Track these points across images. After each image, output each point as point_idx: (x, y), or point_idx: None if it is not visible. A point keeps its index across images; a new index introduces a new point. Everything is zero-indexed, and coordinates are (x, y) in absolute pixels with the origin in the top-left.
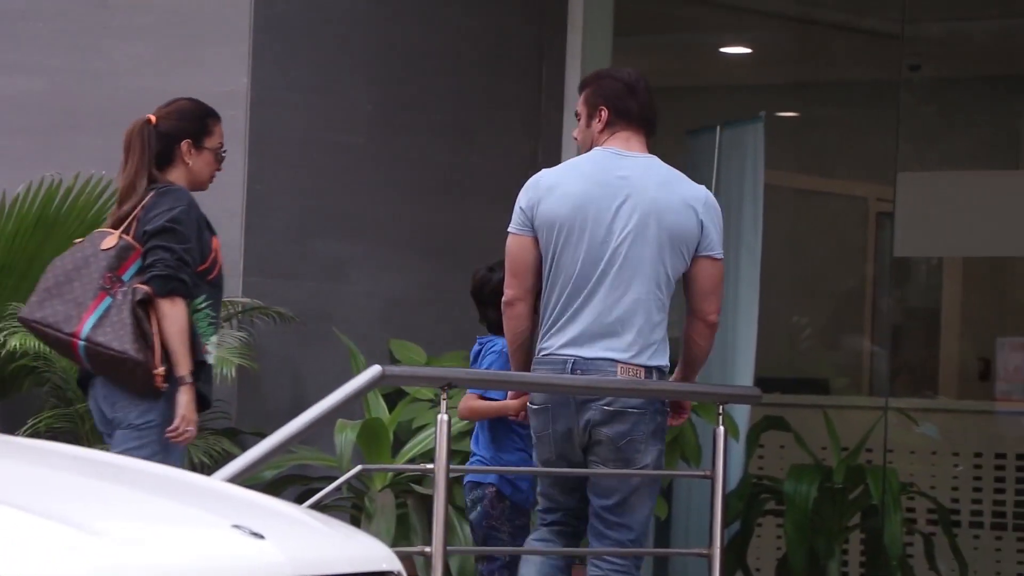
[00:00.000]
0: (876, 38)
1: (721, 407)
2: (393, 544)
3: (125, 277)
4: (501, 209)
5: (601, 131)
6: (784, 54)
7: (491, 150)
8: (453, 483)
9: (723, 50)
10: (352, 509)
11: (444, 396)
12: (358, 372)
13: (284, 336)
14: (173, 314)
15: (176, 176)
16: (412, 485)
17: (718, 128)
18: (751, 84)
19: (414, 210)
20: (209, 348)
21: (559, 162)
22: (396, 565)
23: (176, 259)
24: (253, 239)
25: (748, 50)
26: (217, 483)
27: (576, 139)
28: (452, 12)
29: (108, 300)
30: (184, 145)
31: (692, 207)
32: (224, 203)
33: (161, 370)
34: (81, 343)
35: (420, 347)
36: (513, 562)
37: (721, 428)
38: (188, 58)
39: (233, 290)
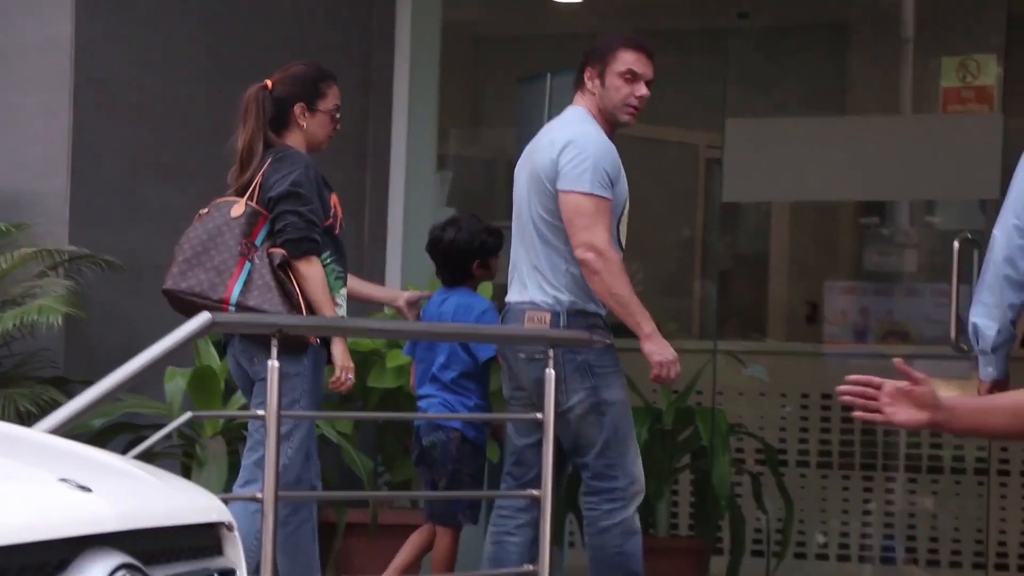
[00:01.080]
0: None
1: (551, 349)
2: (225, 490)
3: (257, 242)
4: (329, 158)
5: None
6: (615, 3)
7: None
8: None
9: None
10: (183, 456)
11: (275, 343)
12: None
13: (114, 285)
14: (311, 273)
15: (292, 139)
16: (244, 432)
17: (548, 76)
18: (582, 33)
19: None
20: (339, 301)
21: (389, 109)
22: (226, 516)
23: (305, 221)
24: (80, 188)
25: None
26: (45, 436)
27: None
28: None
29: (248, 265)
30: (298, 108)
31: (554, 145)
32: (49, 151)
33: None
34: (232, 308)
35: None
36: (475, 503)
37: (551, 371)
38: (11, 2)
39: (59, 239)
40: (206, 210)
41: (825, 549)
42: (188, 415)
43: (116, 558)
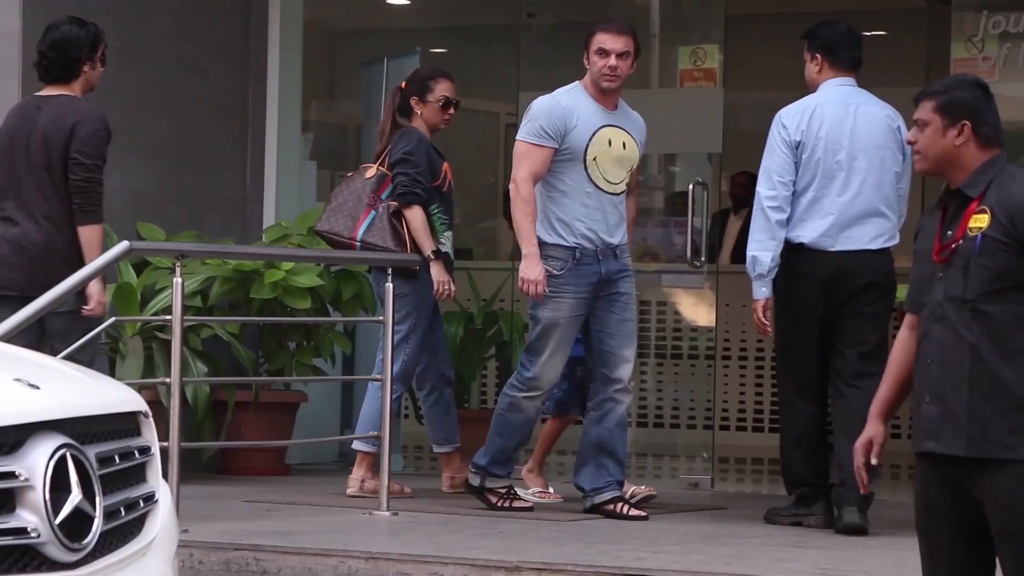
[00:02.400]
0: None
1: (390, 269)
2: (142, 377)
3: (383, 196)
4: (219, 123)
5: None
6: (436, 4)
7: (211, 77)
8: (188, 330)
9: (387, 1)
10: (110, 352)
11: (179, 264)
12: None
13: None
14: (413, 217)
15: (415, 122)
16: (156, 333)
17: (385, 60)
18: (410, 27)
19: (152, 123)
20: (443, 240)
21: (264, 85)
22: (143, 406)
23: (411, 179)
24: None
25: (405, 1)
26: (2, 345)
27: None
28: None
29: (373, 213)
30: (413, 100)
31: None
32: None
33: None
34: (358, 243)
35: (160, 228)
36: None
37: (389, 285)
38: None
39: None
40: (351, 173)
41: None
42: (113, 319)
43: (59, 439)
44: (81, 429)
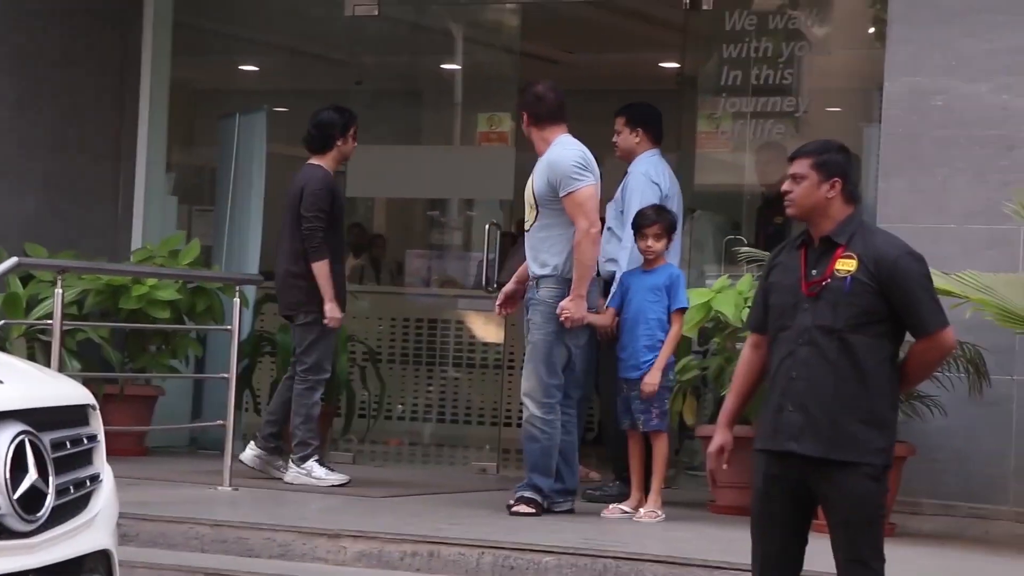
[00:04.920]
0: (331, 62)
1: (238, 287)
2: None
3: None
4: (97, 161)
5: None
6: (280, 71)
7: (91, 122)
8: (66, 333)
9: (240, 67)
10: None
11: (60, 278)
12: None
13: None
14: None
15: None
16: (38, 335)
17: (237, 115)
18: (259, 89)
19: (39, 160)
20: None
21: (135, 129)
22: (91, 400)
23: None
24: None
25: (256, 68)
26: None
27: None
28: (60, 26)
29: None
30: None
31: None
32: None
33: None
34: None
35: (44, 247)
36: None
37: (237, 300)
38: None
39: None
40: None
41: (404, 414)
42: (3, 322)
43: (19, 427)
44: (38, 419)
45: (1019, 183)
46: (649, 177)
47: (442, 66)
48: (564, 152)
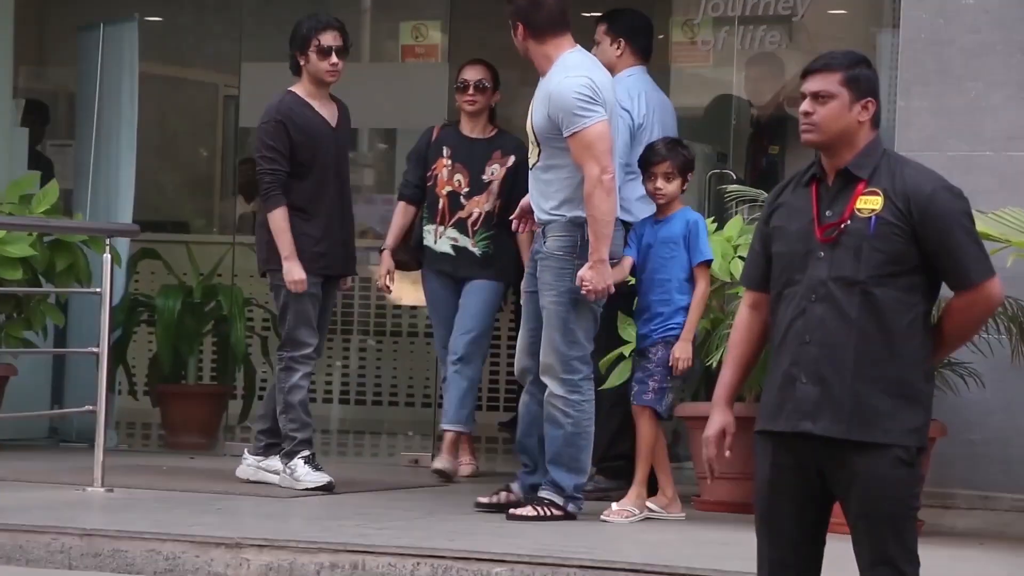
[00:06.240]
0: None
1: (108, 240)
2: None
3: None
4: None
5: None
6: None
7: None
8: None
9: None
10: None
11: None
12: None
13: None
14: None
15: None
16: None
17: (101, 26)
18: None
19: None
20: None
21: None
22: None
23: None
24: None
25: None
26: None
27: None
28: None
29: None
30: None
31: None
32: None
33: None
34: None
35: None
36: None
37: (107, 256)
38: None
39: None
40: None
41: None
42: None
43: None
44: None
45: None
46: (619, 102)
47: None
48: (565, 80)
